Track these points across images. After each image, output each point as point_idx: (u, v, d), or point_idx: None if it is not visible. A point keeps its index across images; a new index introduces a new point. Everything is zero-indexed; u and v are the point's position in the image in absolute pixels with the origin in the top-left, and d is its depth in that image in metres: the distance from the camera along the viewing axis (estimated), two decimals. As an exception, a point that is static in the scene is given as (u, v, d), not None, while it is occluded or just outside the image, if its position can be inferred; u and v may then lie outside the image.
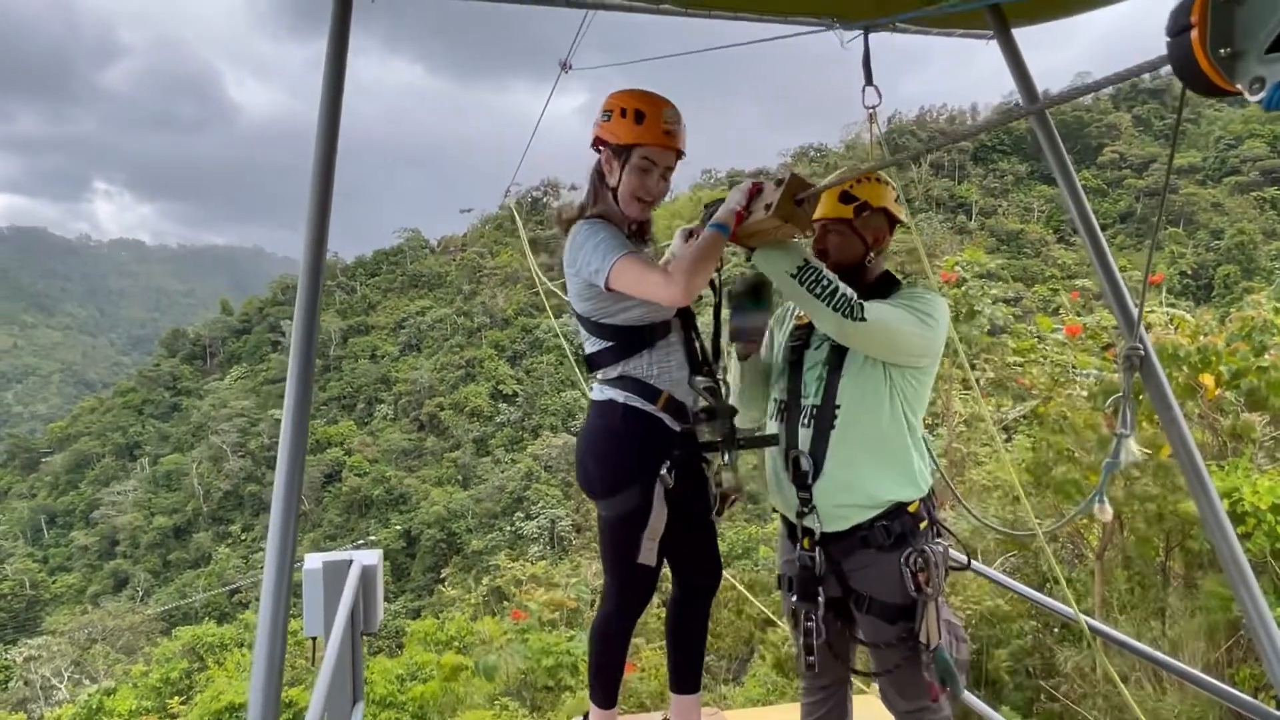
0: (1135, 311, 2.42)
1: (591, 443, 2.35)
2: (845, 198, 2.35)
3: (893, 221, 2.44)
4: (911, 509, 2.29)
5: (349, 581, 2.14)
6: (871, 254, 2.41)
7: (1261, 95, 0.88)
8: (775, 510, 2.52)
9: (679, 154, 2.33)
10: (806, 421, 2.34)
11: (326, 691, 1.61)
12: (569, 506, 52.73)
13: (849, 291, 2.16)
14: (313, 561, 2.25)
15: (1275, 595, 5.27)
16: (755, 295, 2.44)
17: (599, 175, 2.37)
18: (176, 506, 65.52)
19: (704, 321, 2.49)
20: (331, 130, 1.74)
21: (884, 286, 2.38)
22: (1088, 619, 2.97)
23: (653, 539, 2.20)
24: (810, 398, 2.36)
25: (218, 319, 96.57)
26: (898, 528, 2.25)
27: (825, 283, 2.14)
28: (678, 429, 2.28)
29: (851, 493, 2.28)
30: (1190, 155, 77.58)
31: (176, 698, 15.83)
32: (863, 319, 2.13)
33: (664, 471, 2.21)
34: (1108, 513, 2.61)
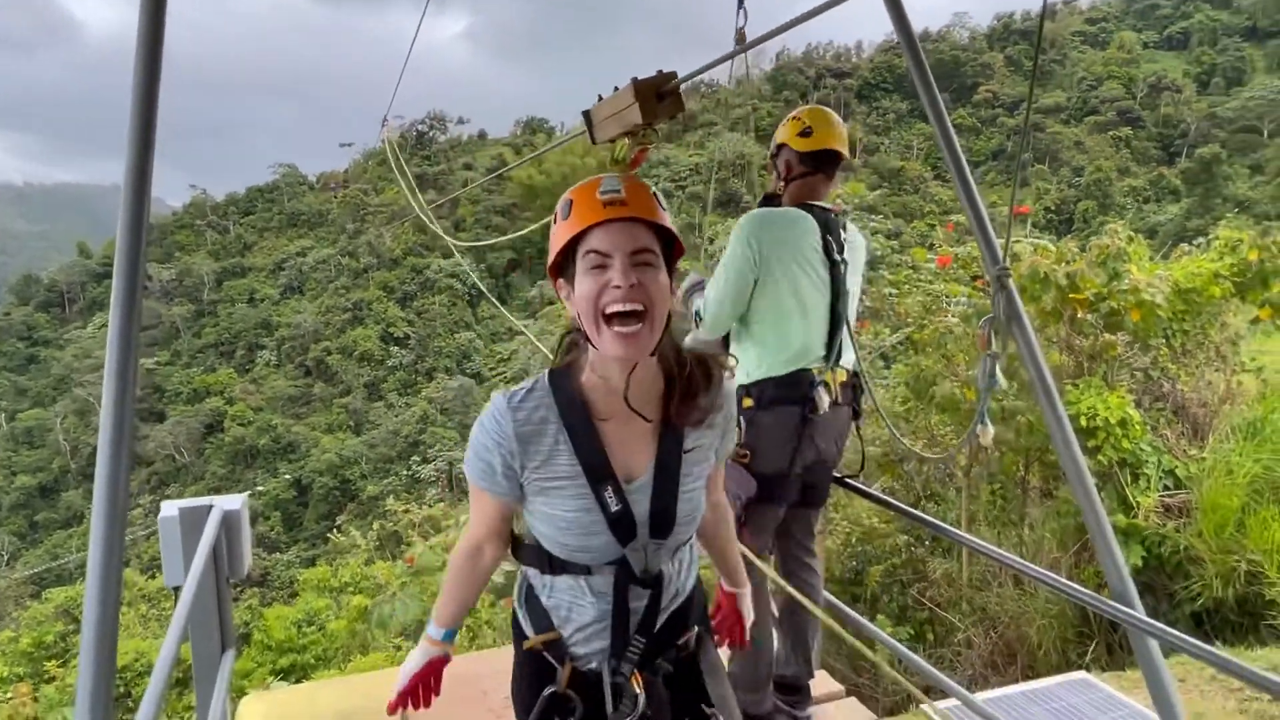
0: (997, 238, 2.51)
1: None
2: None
3: (801, 155, 2.74)
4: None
5: (209, 527, 2.03)
6: (781, 184, 2.80)
7: None
8: None
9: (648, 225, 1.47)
10: None
11: (179, 640, 1.54)
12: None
13: (697, 306, 2.70)
14: (168, 509, 2.13)
15: (1118, 502, 5.77)
16: None
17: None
18: (41, 464, 61.34)
19: None
20: (153, 48, 1.54)
21: None
22: (953, 529, 3.16)
23: None
24: None
25: (75, 263, 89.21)
26: None
27: (694, 308, 2.75)
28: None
29: None
30: (1056, 95, 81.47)
31: (53, 660, 15.18)
32: (702, 321, 2.68)
33: None
34: (989, 434, 2.71)
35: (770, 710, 2.73)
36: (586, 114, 2.68)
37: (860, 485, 3.23)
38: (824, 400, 2.51)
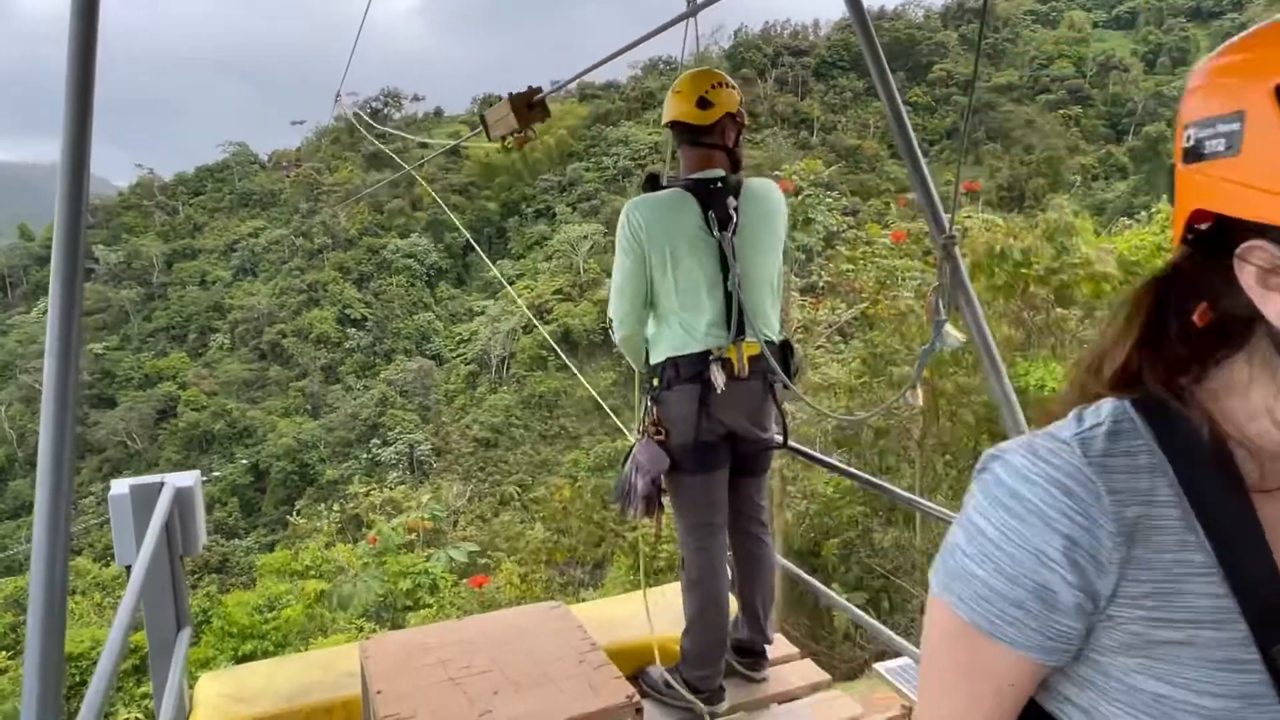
0: (942, 205, 2.58)
1: None
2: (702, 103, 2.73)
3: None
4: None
5: (160, 504, 2.01)
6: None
7: None
8: None
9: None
10: None
11: (131, 617, 1.53)
12: (428, 430, 51.86)
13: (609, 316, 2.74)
14: (118, 487, 2.09)
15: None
16: None
17: None
18: (-15, 453, 59.54)
19: None
20: (88, 20, 1.50)
21: None
22: (907, 494, 3.25)
23: None
24: None
25: (16, 245, 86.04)
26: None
27: None
28: None
29: None
30: (1008, 74, 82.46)
31: (3, 652, 14.89)
32: (614, 328, 2.71)
33: None
34: (918, 398, 2.84)
35: (719, 687, 2.75)
36: (482, 117, 3.32)
37: (810, 451, 3.29)
38: (719, 378, 2.56)
